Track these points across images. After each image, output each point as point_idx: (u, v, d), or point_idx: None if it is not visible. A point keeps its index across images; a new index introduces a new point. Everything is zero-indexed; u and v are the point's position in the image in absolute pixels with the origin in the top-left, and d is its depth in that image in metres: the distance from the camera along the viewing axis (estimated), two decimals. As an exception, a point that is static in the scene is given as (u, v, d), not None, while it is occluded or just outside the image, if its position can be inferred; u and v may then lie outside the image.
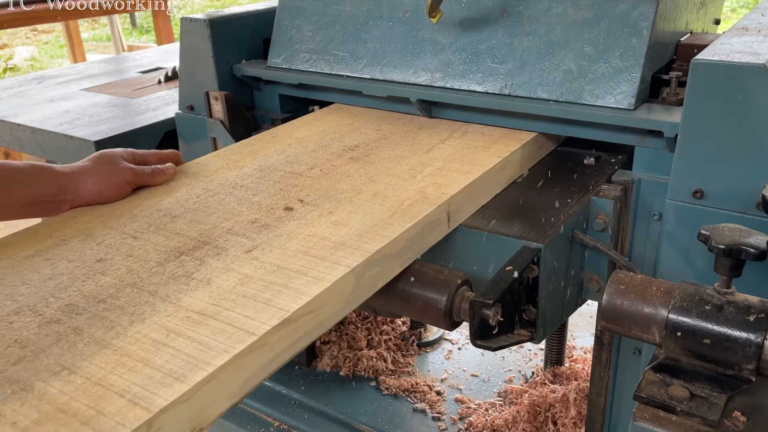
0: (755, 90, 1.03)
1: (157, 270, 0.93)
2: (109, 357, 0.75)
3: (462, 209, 1.15)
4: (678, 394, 0.93)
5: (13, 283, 0.92)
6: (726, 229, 0.93)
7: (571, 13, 1.32)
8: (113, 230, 1.05)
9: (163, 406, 0.67)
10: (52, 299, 0.87)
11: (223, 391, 0.74)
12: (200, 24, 1.65)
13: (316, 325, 0.86)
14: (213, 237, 1.01)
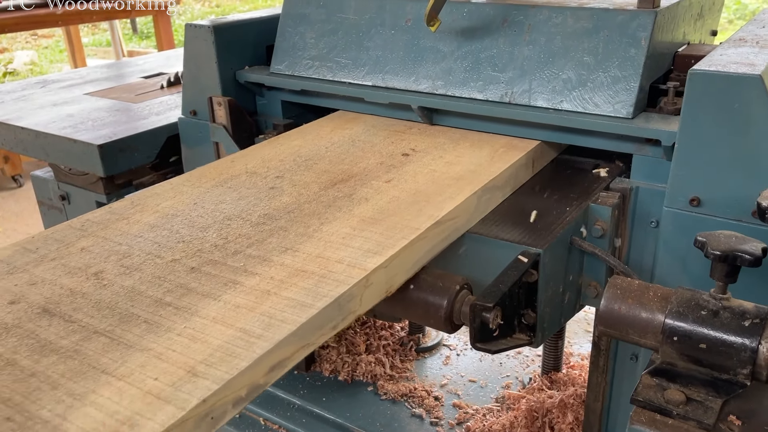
0: (751, 100, 1.05)
1: (322, 193, 1.20)
2: (317, 243, 1.03)
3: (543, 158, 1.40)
4: (674, 398, 0.95)
5: (213, 201, 1.19)
6: (722, 235, 0.94)
7: (571, 23, 1.34)
8: (271, 169, 1.32)
9: (373, 268, 0.95)
10: (250, 211, 1.14)
11: (403, 266, 1.03)
12: (204, 30, 1.67)
13: (453, 230, 1.15)
14: (354, 173, 1.28)
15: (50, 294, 0.92)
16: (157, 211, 1.16)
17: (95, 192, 1.91)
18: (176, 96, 2.16)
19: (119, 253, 1.02)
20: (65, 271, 0.98)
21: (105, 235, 1.09)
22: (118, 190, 1.89)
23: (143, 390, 0.72)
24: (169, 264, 0.99)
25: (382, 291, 0.99)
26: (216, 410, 0.73)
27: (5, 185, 5.19)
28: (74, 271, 0.98)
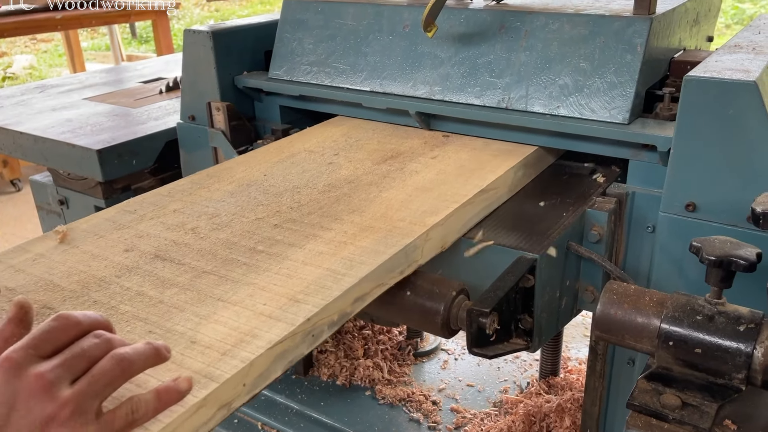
0: (745, 106, 1.06)
1: (376, 167, 1.36)
2: (379, 205, 1.18)
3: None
4: (670, 402, 0.95)
5: (281, 174, 1.35)
6: (717, 241, 0.95)
7: (568, 30, 1.35)
8: (326, 148, 1.47)
9: (432, 225, 1.10)
10: (315, 181, 1.30)
11: (455, 226, 1.17)
12: (203, 36, 1.67)
13: (496, 198, 1.29)
14: (402, 151, 1.43)
15: (157, 244, 1.08)
16: (233, 182, 1.33)
17: (94, 197, 1.91)
18: (175, 101, 2.16)
19: (208, 213, 1.19)
20: (165, 227, 1.15)
21: (192, 200, 1.25)
22: (116, 195, 1.90)
23: (256, 312, 0.88)
24: (253, 222, 1.15)
25: (438, 246, 1.14)
26: (316, 329, 0.88)
27: (4, 189, 5.19)
28: (173, 227, 1.14)
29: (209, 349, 0.81)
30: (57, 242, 1.11)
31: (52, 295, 0.94)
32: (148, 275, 0.99)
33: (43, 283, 0.97)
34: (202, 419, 0.73)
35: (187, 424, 0.71)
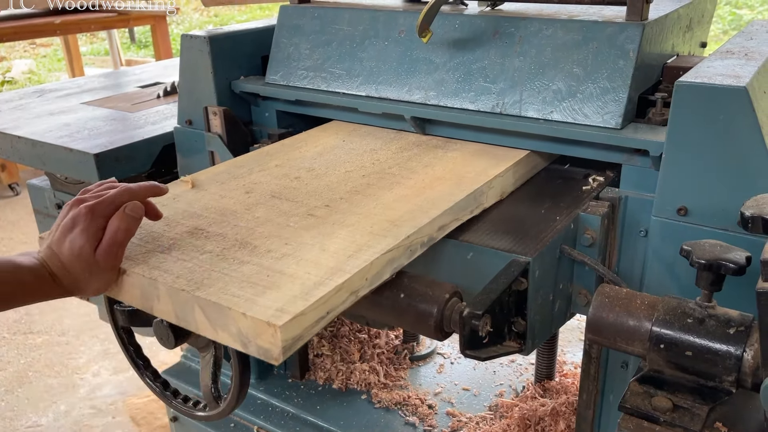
0: (736, 111, 1.07)
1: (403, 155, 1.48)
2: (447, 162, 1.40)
3: None
4: (661, 405, 0.96)
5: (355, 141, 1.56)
6: (707, 244, 0.96)
7: (561, 35, 1.37)
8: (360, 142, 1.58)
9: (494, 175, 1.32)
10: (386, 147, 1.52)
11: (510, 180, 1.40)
12: (200, 41, 1.69)
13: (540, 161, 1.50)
14: (421, 141, 1.54)
15: (271, 188, 1.30)
16: (318, 146, 1.54)
17: (91, 200, 1.92)
18: (172, 105, 2.18)
19: (304, 168, 1.41)
20: (273, 177, 1.37)
21: (287, 159, 1.47)
22: (113, 199, 1.90)
23: (367, 231, 1.11)
24: (344, 174, 1.37)
25: (498, 194, 1.37)
26: (412, 245, 1.12)
27: (1, 194, 5.20)
28: (279, 177, 1.37)
29: (337, 254, 1.04)
30: (188, 187, 1.32)
31: (199, 221, 1.17)
32: (271, 208, 1.21)
33: (188, 213, 1.20)
34: (340, 300, 0.97)
35: (329, 302, 0.95)
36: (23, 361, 3.22)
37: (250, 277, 0.97)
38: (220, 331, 0.93)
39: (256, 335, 0.89)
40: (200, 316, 0.95)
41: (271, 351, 0.88)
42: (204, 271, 0.99)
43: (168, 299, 0.98)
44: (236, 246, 1.07)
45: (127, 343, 1.48)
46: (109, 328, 2.47)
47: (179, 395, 1.47)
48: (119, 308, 1.44)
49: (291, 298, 0.92)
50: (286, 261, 1.02)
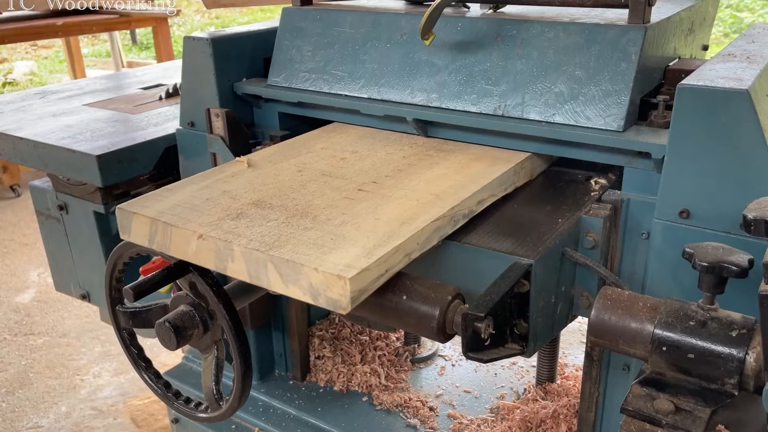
0: (738, 114, 1.07)
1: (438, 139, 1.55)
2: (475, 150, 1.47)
3: None
4: (663, 407, 0.96)
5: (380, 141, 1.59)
6: (709, 247, 0.96)
7: (563, 38, 1.37)
8: None
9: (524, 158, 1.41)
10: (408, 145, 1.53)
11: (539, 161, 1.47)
12: (203, 42, 1.69)
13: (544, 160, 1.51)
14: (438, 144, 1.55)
15: (320, 167, 1.42)
16: (357, 131, 1.63)
17: (93, 202, 1.92)
18: (174, 107, 2.18)
19: (348, 150, 1.51)
20: (320, 157, 1.47)
21: (330, 143, 1.56)
22: (115, 201, 1.91)
23: (414, 203, 1.22)
24: (385, 155, 1.46)
25: (528, 175, 1.45)
26: (455, 216, 1.23)
27: (3, 195, 5.20)
28: (326, 158, 1.47)
29: (391, 222, 1.15)
30: (244, 166, 1.44)
31: (260, 194, 1.28)
32: (324, 184, 1.32)
33: (249, 187, 1.32)
34: (396, 260, 1.09)
35: (387, 261, 1.06)
36: (24, 362, 3.22)
37: (316, 240, 1.10)
38: (291, 286, 1.05)
39: (326, 288, 1.01)
40: (273, 274, 1.06)
41: (340, 301, 1.00)
42: (273, 235, 1.12)
43: (242, 259, 1.09)
44: (298, 215, 1.19)
45: (130, 344, 1.48)
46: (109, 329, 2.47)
47: (181, 396, 1.47)
48: (121, 310, 1.44)
49: (355, 256, 1.04)
50: (346, 227, 1.14)
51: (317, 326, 2.20)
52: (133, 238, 1.26)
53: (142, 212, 1.23)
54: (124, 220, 1.26)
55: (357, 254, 1.05)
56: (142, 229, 1.23)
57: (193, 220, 1.19)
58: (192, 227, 1.16)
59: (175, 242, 1.19)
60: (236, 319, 1.29)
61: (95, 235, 1.99)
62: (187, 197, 1.28)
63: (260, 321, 1.98)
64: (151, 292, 1.29)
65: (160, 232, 1.20)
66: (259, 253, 1.07)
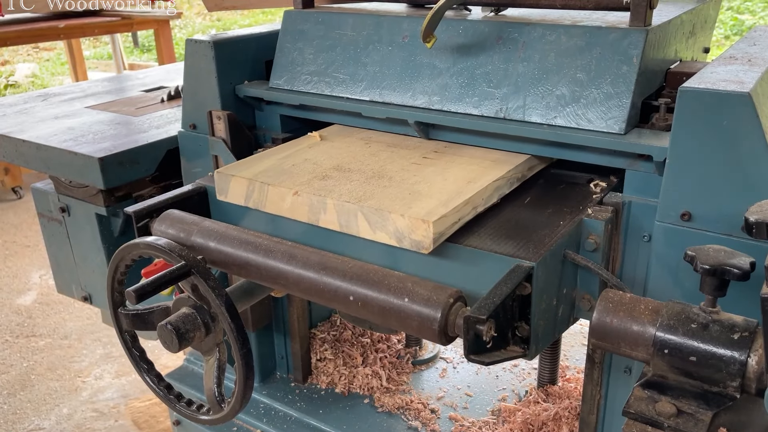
0: (740, 117, 1.07)
1: None
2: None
3: None
4: (665, 410, 0.96)
5: None
6: (711, 250, 0.96)
7: (564, 41, 1.37)
8: None
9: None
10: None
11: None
12: (205, 45, 1.69)
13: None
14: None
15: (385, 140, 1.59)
16: None
17: (95, 204, 1.93)
18: (176, 110, 2.18)
19: (384, 143, 1.59)
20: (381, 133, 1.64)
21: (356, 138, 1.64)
22: (117, 203, 1.91)
23: (475, 166, 1.39)
24: (413, 149, 1.53)
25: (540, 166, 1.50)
26: (511, 179, 1.39)
27: (5, 197, 5.21)
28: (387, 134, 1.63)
29: (457, 181, 1.32)
30: (317, 139, 1.60)
31: (338, 161, 1.46)
32: (392, 153, 1.49)
33: (327, 156, 1.48)
34: (466, 211, 1.25)
35: (460, 212, 1.23)
36: (26, 364, 3.22)
37: (396, 195, 1.27)
38: (378, 232, 1.23)
39: (411, 231, 1.18)
40: (362, 222, 1.24)
41: (423, 242, 1.17)
42: (359, 191, 1.30)
43: (334, 211, 1.27)
44: (375, 177, 1.36)
45: (131, 346, 1.48)
46: (111, 331, 2.47)
47: (183, 399, 1.47)
48: (124, 312, 1.44)
49: (433, 206, 1.21)
50: (420, 186, 1.32)
51: (318, 328, 2.20)
52: (230, 198, 1.44)
53: (239, 174, 1.40)
54: (221, 182, 1.44)
55: (435, 204, 1.22)
56: (240, 190, 1.41)
57: (285, 180, 1.37)
58: (287, 186, 1.34)
59: (270, 199, 1.36)
60: (238, 322, 1.30)
61: (97, 238, 1.99)
62: (274, 164, 1.46)
63: (262, 323, 1.99)
64: (153, 294, 1.29)
65: (257, 191, 1.38)
66: (350, 205, 1.25)
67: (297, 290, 1.30)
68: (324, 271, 1.23)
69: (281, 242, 1.33)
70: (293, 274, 1.27)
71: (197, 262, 1.30)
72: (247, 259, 1.33)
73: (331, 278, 1.22)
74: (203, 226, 1.41)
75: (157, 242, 1.32)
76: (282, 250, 1.30)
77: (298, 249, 1.30)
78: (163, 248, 1.30)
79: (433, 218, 1.15)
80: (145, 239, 1.35)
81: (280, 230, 1.42)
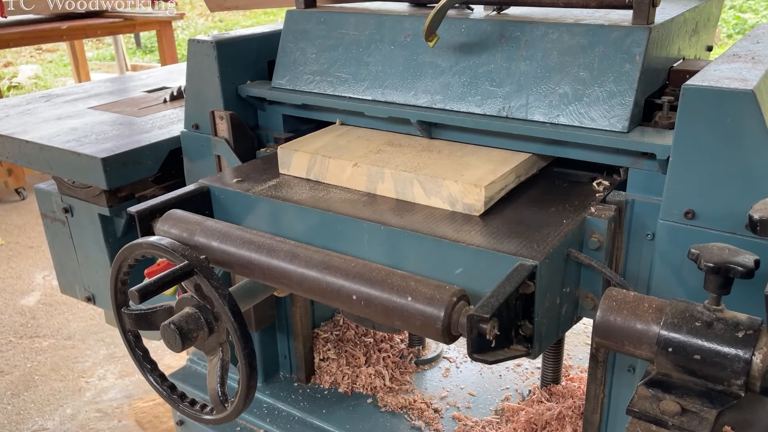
0: (743, 115, 1.07)
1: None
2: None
3: None
4: (669, 408, 0.96)
5: None
6: (715, 248, 0.96)
7: (567, 39, 1.37)
8: None
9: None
10: None
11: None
12: (207, 45, 1.69)
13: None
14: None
15: None
16: None
17: (98, 205, 1.93)
18: (179, 110, 2.19)
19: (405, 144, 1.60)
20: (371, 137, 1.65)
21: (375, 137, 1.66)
22: (120, 203, 1.91)
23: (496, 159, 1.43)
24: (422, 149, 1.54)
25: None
26: (517, 173, 1.42)
27: (8, 198, 5.22)
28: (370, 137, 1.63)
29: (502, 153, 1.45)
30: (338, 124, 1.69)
31: (389, 138, 1.58)
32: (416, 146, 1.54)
33: (359, 142, 1.57)
34: (511, 179, 1.39)
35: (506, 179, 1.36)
36: (29, 364, 3.23)
37: (447, 166, 1.39)
38: (433, 197, 1.36)
39: (463, 195, 1.31)
40: (417, 189, 1.37)
41: (475, 205, 1.31)
42: (413, 163, 1.42)
43: (391, 180, 1.40)
44: (426, 151, 1.48)
45: (135, 346, 1.48)
46: (114, 331, 2.47)
47: (186, 399, 1.47)
48: (127, 312, 1.44)
49: (482, 174, 1.34)
50: (467, 158, 1.43)
51: (321, 328, 2.20)
52: (292, 171, 1.56)
53: (302, 149, 1.53)
54: (284, 156, 1.56)
55: (484, 172, 1.34)
56: (302, 163, 1.53)
57: (344, 154, 1.49)
58: (346, 158, 1.46)
59: (331, 171, 1.49)
60: (241, 321, 1.30)
61: (100, 238, 1.99)
62: (330, 141, 1.58)
63: (265, 323, 1.99)
64: (156, 294, 1.29)
65: (318, 163, 1.50)
66: (406, 174, 1.37)
67: (300, 290, 1.30)
68: (327, 271, 1.23)
69: (284, 241, 1.33)
70: (296, 274, 1.27)
71: (200, 261, 1.30)
72: (250, 259, 1.33)
73: (334, 277, 1.22)
74: (206, 225, 1.41)
75: (160, 242, 1.33)
76: (285, 249, 1.30)
77: (301, 248, 1.30)
78: (166, 248, 1.31)
79: (484, 183, 1.29)
80: (148, 239, 1.35)
81: (282, 229, 1.42)
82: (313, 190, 1.48)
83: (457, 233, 1.24)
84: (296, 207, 1.39)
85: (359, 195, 1.45)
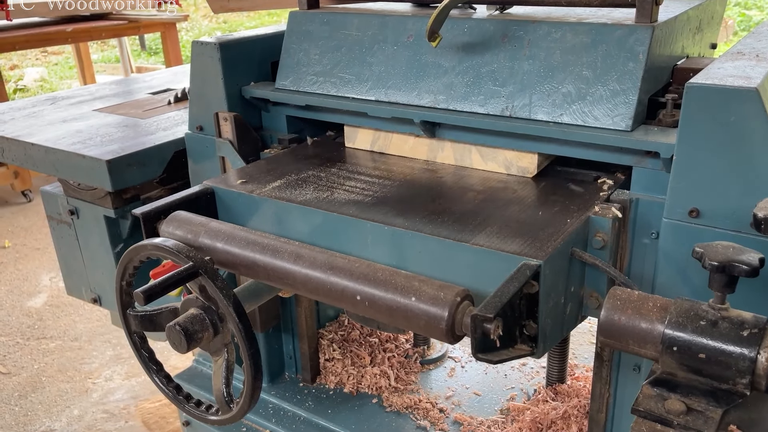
0: (747, 113, 1.06)
1: None
2: None
3: None
4: (674, 408, 0.95)
5: None
6: (719, 246, 0.96)
7: (570, 38, 1.37)
8: None
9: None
10: None
11: None
12: (211, 47, 1.70)
13: None
14: None
15: None
16: None
17: (103, 206, 1.94)
18: (183, 112, 2.19)
19: None
20: None
21: None
22: (125, 205, 1.92)
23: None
24: None
25: None
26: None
27: (15, 200, 5.25)
28: None
29: None
30: None
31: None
32: None
33: None
34: None
35: None
36: (36, 366, 3.25)
37: None
38: (489, 162, 1.50)
39: (518, 159, 1.46)
40: (476, 155, 1.52)
41: (529, 168, 1.45)
42: None
43: (451, 149, 1.55)
44: None
45: (140, 347, 1.49)
46: (120, 332, 2.48)
47: (192, 399, 1.48)
48: (132, 313, 1.45)
49: None
50: None
51: (326, 329, 2.21)
52: (357, 144, 1.70)
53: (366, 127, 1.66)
54: (350, 133, 1.70)
55: None
56: (367, 137, 1.68)
57: None
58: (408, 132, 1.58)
59: (394, 143, 1.64)
60: (246, 322, 1.30)
61: (106, 239, 2.00)
62: None
63: (270, 324, 1.99)
64: (161, 295, 1.30)
65: (382, 138, 1.65)
66: (464, 144, 1.52)
67: (304, 290, 1.30)
68: (331, 271, 1.23)
69: (288, 242, 1.33)
70: (300, 274, 1.27)
71: (205, 263, 1.30)
72: (255, 260, 1.33)
73: (339, 278, 1.22)
74: (210, 227, 1.41)
75: (165, 243, 1.33)
76: (289, 250, 1.31)
77: (305, 249, 1.30)
78: (171, 249, 1.31)
79: None
80: (153, 241, 1.35)
81: (287, 230, 1.43)
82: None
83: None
84: (300, 208, 1.39)
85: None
